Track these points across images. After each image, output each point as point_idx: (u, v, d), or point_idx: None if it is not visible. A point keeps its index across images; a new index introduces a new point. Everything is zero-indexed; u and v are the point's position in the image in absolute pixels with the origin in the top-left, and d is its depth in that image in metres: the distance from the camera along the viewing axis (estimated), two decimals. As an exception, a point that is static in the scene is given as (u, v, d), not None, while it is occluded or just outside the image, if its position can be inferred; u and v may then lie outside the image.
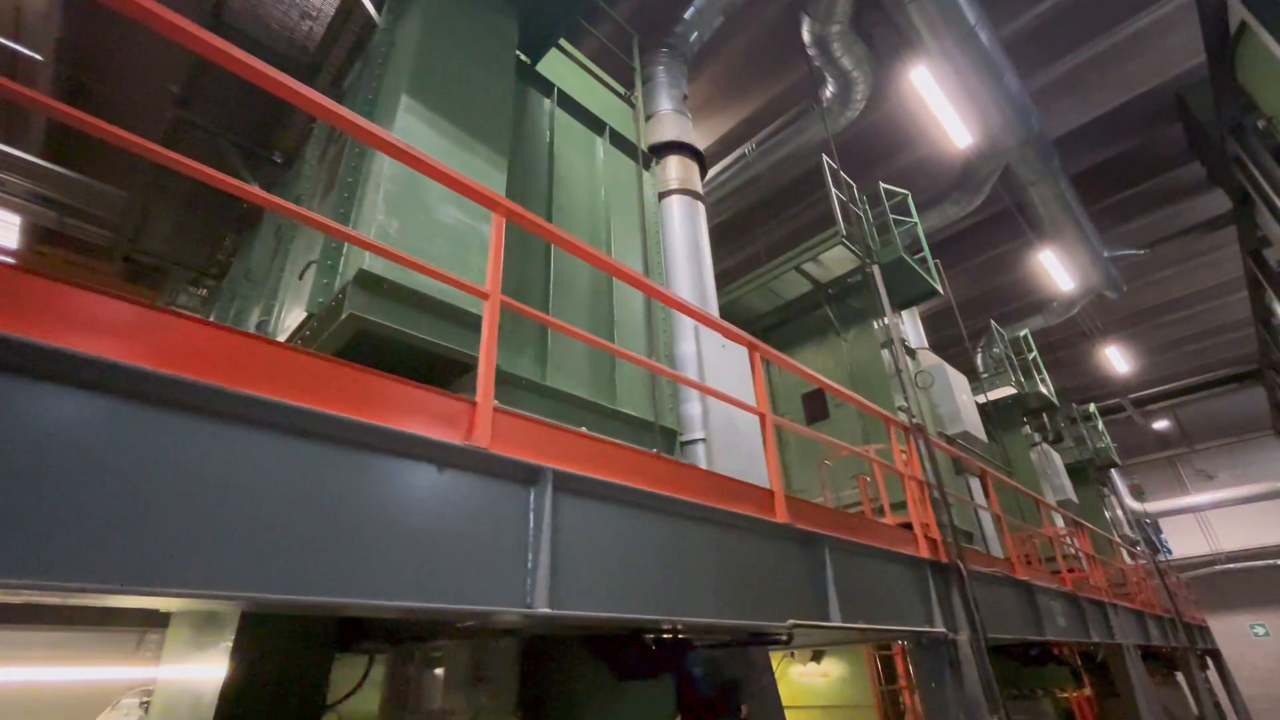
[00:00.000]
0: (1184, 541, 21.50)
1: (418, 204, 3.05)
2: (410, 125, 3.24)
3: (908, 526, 4.69)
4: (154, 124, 5.34)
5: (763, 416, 3.44)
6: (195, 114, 5.18)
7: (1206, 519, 21.55)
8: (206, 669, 2.37)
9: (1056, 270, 12.42)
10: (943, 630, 3.95)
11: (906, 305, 8.53)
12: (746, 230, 11.99)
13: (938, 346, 18.21)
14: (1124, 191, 12.50)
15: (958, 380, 9.58)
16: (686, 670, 2.47)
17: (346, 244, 3.10)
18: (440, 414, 2.02)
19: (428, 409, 2.00)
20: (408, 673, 2.18)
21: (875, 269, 5.98)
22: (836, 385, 4.60)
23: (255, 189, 1.87)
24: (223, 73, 4.79)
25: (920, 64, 7.94)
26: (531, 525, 2.09)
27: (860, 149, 10.95)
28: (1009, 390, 11.43)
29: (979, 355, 14.40)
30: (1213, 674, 14.36)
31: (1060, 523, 10.96)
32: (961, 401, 9.23)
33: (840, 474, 7.18)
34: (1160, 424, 22.25)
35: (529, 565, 2.03)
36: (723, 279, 8.56)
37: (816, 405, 7.79)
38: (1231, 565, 20.24)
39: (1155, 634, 10.39)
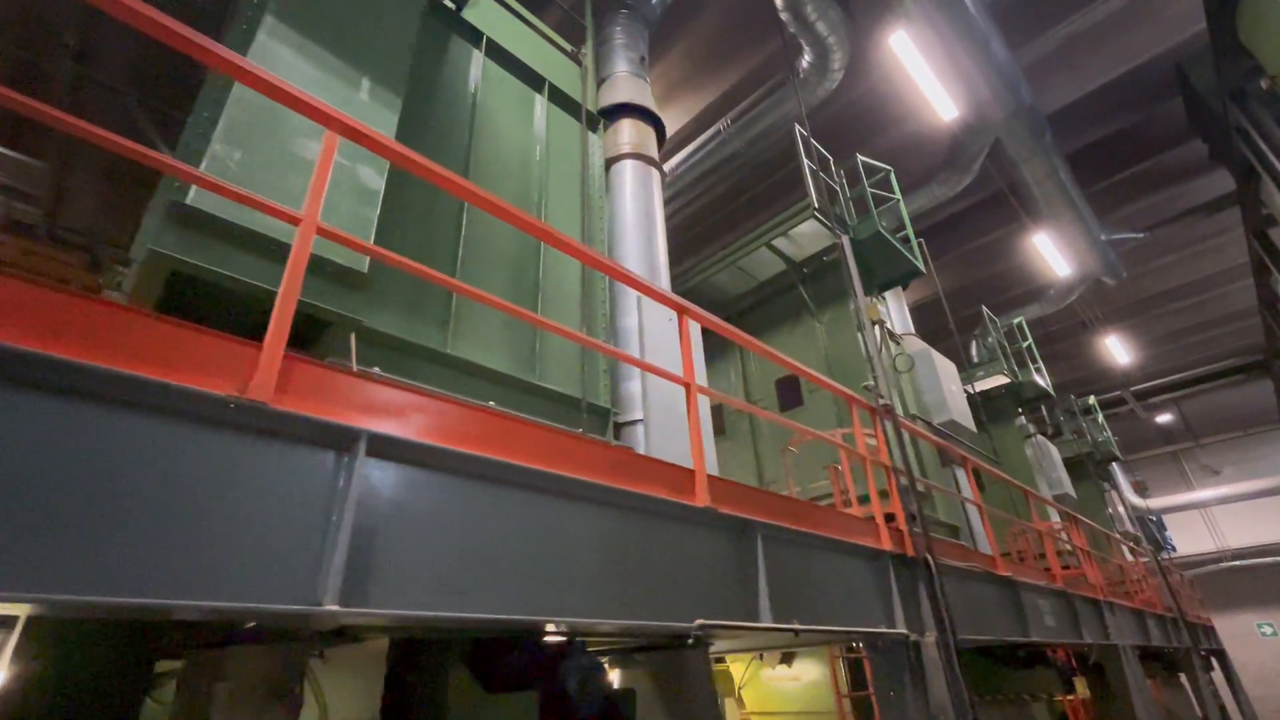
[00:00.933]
0: (1189, 539, 21.00)
1: (270, 136, 2.62)
2: (271, 49, 2.82)
3: (889, 518, 4.27)
4: (52, 82, 4.93)
5: (688, 386, 3.01)
6: (95, 69, 4.76)
7: (1212, 515, 21.05)
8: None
9: (1051, 254, 11.95)
10: (903, 631, 3.52)
11: (888, 286, 8.09)
12: (723, 210, 11.55)
13: (933, 337, 17.74)
14: (1122, 172, 12.04)
15: (945, 367, 9.13)
16: (561, 681, 2.04)
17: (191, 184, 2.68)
18: (219, 363, 1.60)
19: (202, 357, 1.58)
20: (198, 686, 1.77)
21: (846, 240, 5.54)
22: (802, 366, 4.17)
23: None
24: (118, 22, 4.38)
25: (900, 28, 7.49)
26: (334, 501, 1.67)
27: (843, 128, 10.50)
28: (1001, 380, 10.97)
29: (974, 345, 13.95)
30: (1218, 675, 13.89)
31: (1055, 517, 10.50)
32: (948, 389, 8.78)
33: (814, 464, 6.74)
34: (1164, 418, 21.73)
35: (323, 551, 1.61)
36: (699, 261, 8.13)
37: (790, 392, 7.35)
38: (1238, 563, 19.74)
39: (1156, 634, 9.93)
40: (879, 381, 4.97)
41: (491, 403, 3.34)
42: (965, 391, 11.34)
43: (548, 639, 2.35)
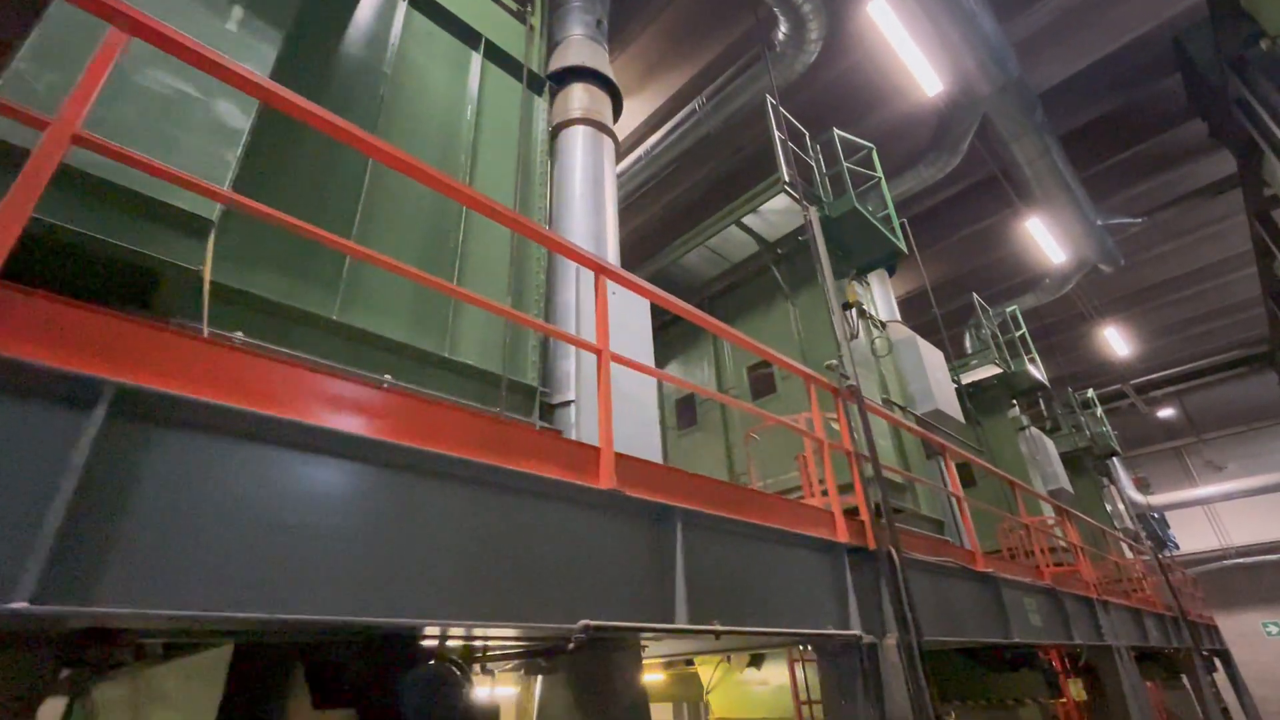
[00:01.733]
0: (1192, 536, 20.60)
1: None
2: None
3: (854, 512, 3.91)
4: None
5: (600, 353, 2.65)
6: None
7: (1216, 512, 20.65)
8: None
9: (1045, 240, 11.56)
10: (855, 632, 3.15)
11: (870, 269, 7.72)
12: (698, 191, 11.17)
13: (929, 329, 17.37)
14: (1118, 155, 11.65)
15: (931, 356, 8.76)
16: (394, 696, 1.68)
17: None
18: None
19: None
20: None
21: (812, 212, 5.17)
22: (763, 347, 3.80)
23: None
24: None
25: (879, -5, 7.12)
26: (58, 470, 1.32)
27: (825, 111, 10.13)
28: (993, 370, 10.59)
29: (968, 336, 13.57)
30: (1221, 676, 13.50)
31: (1049, 512, 10.13)
32: (934, 378, 8.41)
33: (786, 455, 6.36)
34: (1165, 412, 21.32)
35: (28, 531, 1.25)
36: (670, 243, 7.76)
37: (762, 379, 6.99)
38: (1242, 560, 19.34)
39: (1155, 634, 9.56)
40: (845, 361, 4.60)
41: (388, 377, 2.98)
42: (955, 382, 10.98)
43: (415, 643, 1.98)
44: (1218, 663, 13.42)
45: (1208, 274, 15.74)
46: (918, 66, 7.92)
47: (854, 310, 6.83)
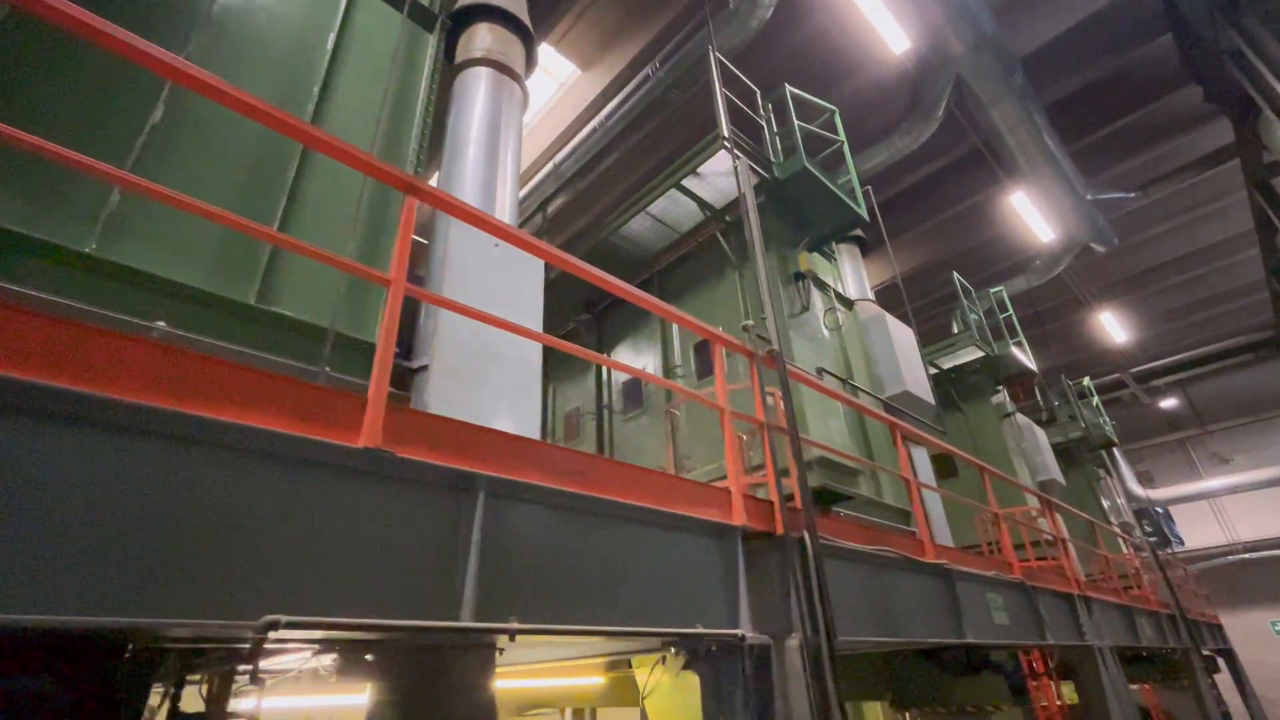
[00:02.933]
0: (1197, 531, 19.96)
1: None
2: None
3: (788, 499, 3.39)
4: None
5: (390, 284, 2.14)
6: None
7: (1222, 506, 20.00)
8: None
9: (1032, 216, 11.00)
10: (735, 631, 2.63)
11: (829, 238, 7.18)
12: (650, 159, 10.62)
13: (917, 315, 16.80)
14: (1108, 126, 11.07)
15: (901, 335, 8.22)
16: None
17: None
18: None
19: None
20: None
21: (743, 165, 4.64)
22: (686, 316, 3.31)
23: None
24: None
25: (834, -61, 6.58)
26: None
27: (792, 79, 9.57)
28: (975, 353, 10.03)
29: (955, 322, 13.00)
30: (1227, 676, 12.90)
31: (1035, 503, 9.57)
32: (904, 359, 7.87)
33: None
34: (1168, 403, 20.67)
35: None
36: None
37: (708, 357, 6.46)
38: (1250, 556, 18.69)
39: (1148, 633, 8.99)
40: (770, 325, 4.08)
41: (160, 324, 2.47)
42: (935, 368, 10.43)
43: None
44: (1221, 663, 12.82)
45: (1209, 255, 15.12)
46: (882, 21, 7.38)
47: (807, 280, 6.30)
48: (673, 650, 2.73)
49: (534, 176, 10.28)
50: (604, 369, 7.67)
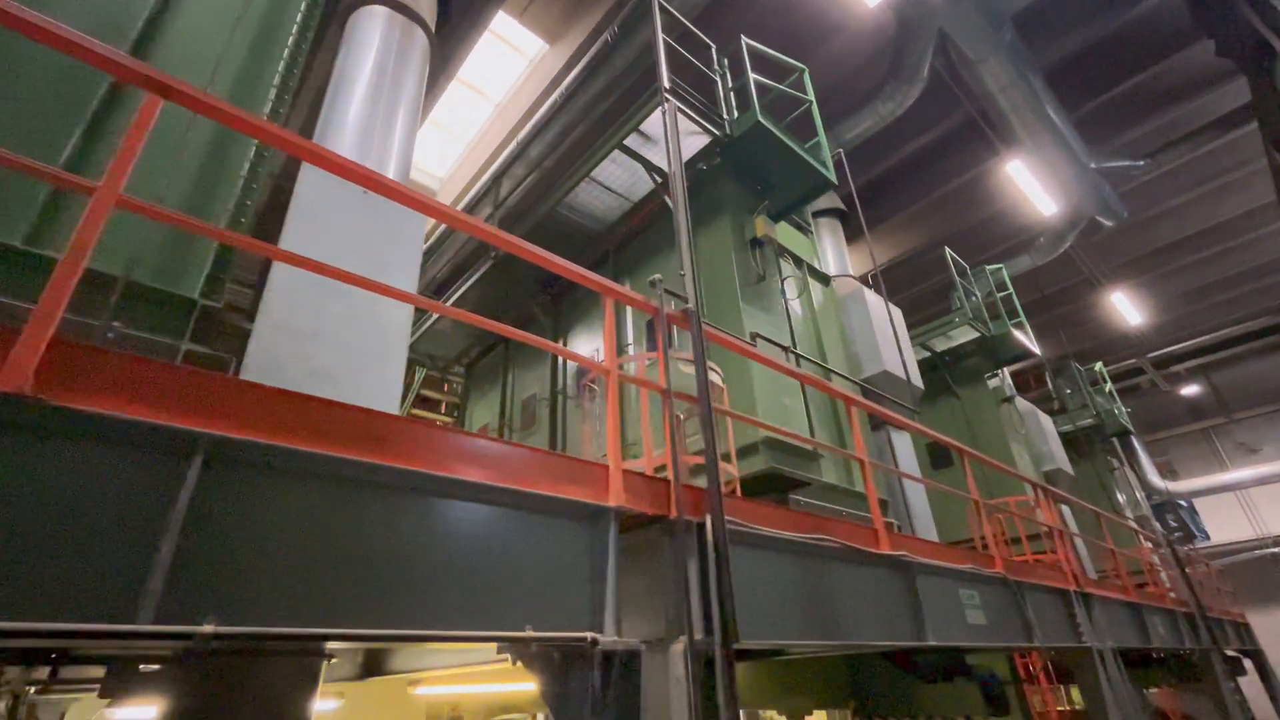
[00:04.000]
0: (1223, 524, 19.01)
1: None
2: None
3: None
4: None
5: (93, 190, 1.69)
6: None
7: (1250, 498, 19.03)
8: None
9: (1032, 188, 10.34)
10: (581, 635, 2.13)
11: (796, 205, 6.64)
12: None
13: (918, 303, 16.13)
14: (1112, 89, 10.37)
15: (882, 312, 7.66)
16: None
17: None
18: None
19: None
20: None
21: (671, 106, 4.14)
22: (582, 270, 2.84)
23: None
24: None
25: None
26: None
27: (767, 42, 9.03)
28: (970, 334, 9.42)
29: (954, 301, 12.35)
30: (1253, 680, 12.10)
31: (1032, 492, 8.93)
32: (884, 338, 7.32)
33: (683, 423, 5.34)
34: (1190, 390, 19.72)
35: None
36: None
37: (653, 332, 5.97)
38: (1280, 550, 17.74)
39: (1161, 633, 8.34)
40: (689, 282, 3.58)
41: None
42: (928, 350, 9.83)
43: None
44: (1248, 665, 12.03)
45: (1230, 230, 14.27)
46: (852, -30, 6.83)
47: (766, 248, 5.78)
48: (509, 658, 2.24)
49: (498, 158, 9.85)
50: (556, 358, 7.20)
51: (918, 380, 7.43)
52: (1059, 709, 7.64)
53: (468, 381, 9.32)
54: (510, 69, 11.65)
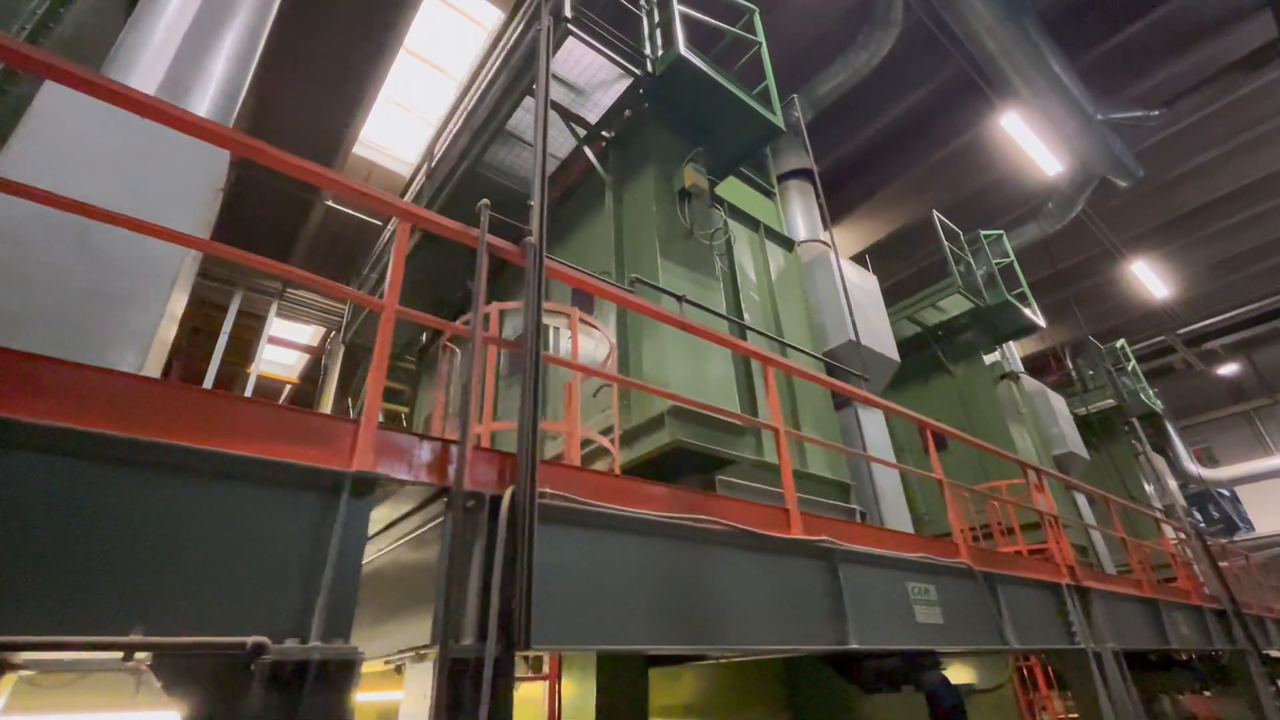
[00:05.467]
0: (1269, 513, 17.69)
1: None
2: None
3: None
4: None
5: None
6: None
7: (1299, 485, 17.70)
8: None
9: (1031, 144, 9.49)
10: (241, 640, 1.57)
11: (741, 159, 6.01)
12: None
13: (921, 279, 15.24)
14: (1116, 35, 9.46)
15: (854, 280, 6.97)
16: None
17: None
18: None
19: None
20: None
21: (546, 24, 3.57)
22: (389, 197, 2.30)
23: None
24: None
25: None
26: None
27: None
28: (963, 305, 8.63)
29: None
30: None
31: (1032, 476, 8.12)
32: (854, 306, 6.63)
33: (601, 399, 4.76)
34: (1229, 369, 18.40)
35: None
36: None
37: (583, 301, 5.40)
38: (1334, 542, 16.41)
39: (1185, 632, 7.52)
40: (536, 213, 3.00)
41: None
42: (916, 324, 9.07)
43: None
44: (1294, 667, 10.96)
45: (1264, 190, 13.11)
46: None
47: (697, 201, 5.16)
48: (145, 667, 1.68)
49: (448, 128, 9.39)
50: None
51: (892, 353, 6.73)
52: (1061, 718, 6.86)
53: (419, 370, 8.87)
54: (470, 43, 11.21)
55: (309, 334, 12.61)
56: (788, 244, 7.11)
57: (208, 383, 8.69)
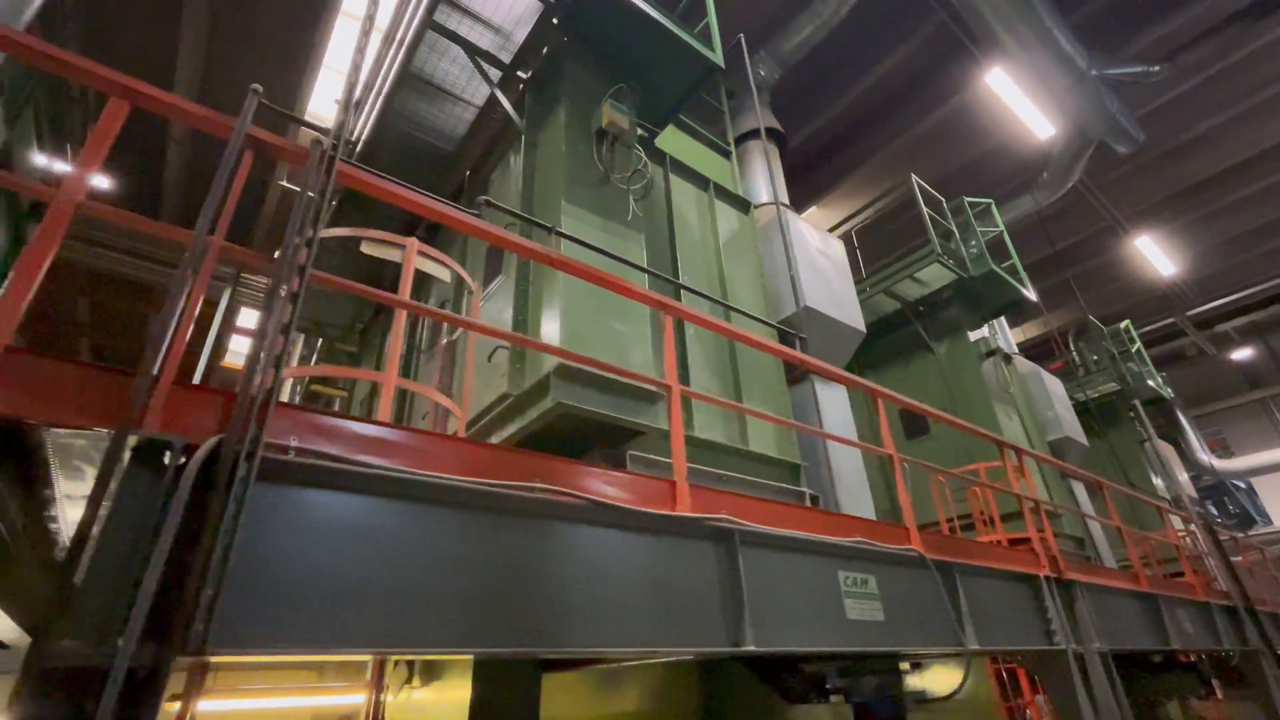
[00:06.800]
0: (1287, 506, 16.91)
1: None
2: None
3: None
4: None
5: None
6: None
7: (1319, 476, 16.88)
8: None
9: (1019, 102, 8.83)
10: None
11: (679, 102, 5.42)
12: None
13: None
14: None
15: (815, 243, 6.38)
16: None
17: None
18: None
19: None
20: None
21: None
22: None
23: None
24: None
25: None
26: None
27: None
28: (945, 277, 8.00)
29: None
30: (1323, 687, 10.33)
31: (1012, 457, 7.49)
32: (812, 271, 6.04)
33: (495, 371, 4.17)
34: (1243, 354, 17.59)
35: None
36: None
37: (491, 262, 4.83)
38: (1357, 535, 15.62)
39: (1188, 631, 6.91)
40: (342, 108, 2.43)
41: None
42: (894, 298, 8.45)
43: None
44: (1314, 669, 10.26)
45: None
46: None
47: (619, 143, 4.58)
48: None
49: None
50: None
51: (857, 323, 6.13)
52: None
53: (360, 349, 8.34)
54: None
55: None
56: (743, 205, 6.52)
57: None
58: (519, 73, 5.09)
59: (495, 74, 5.17)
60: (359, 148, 5.62)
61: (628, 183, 4.43)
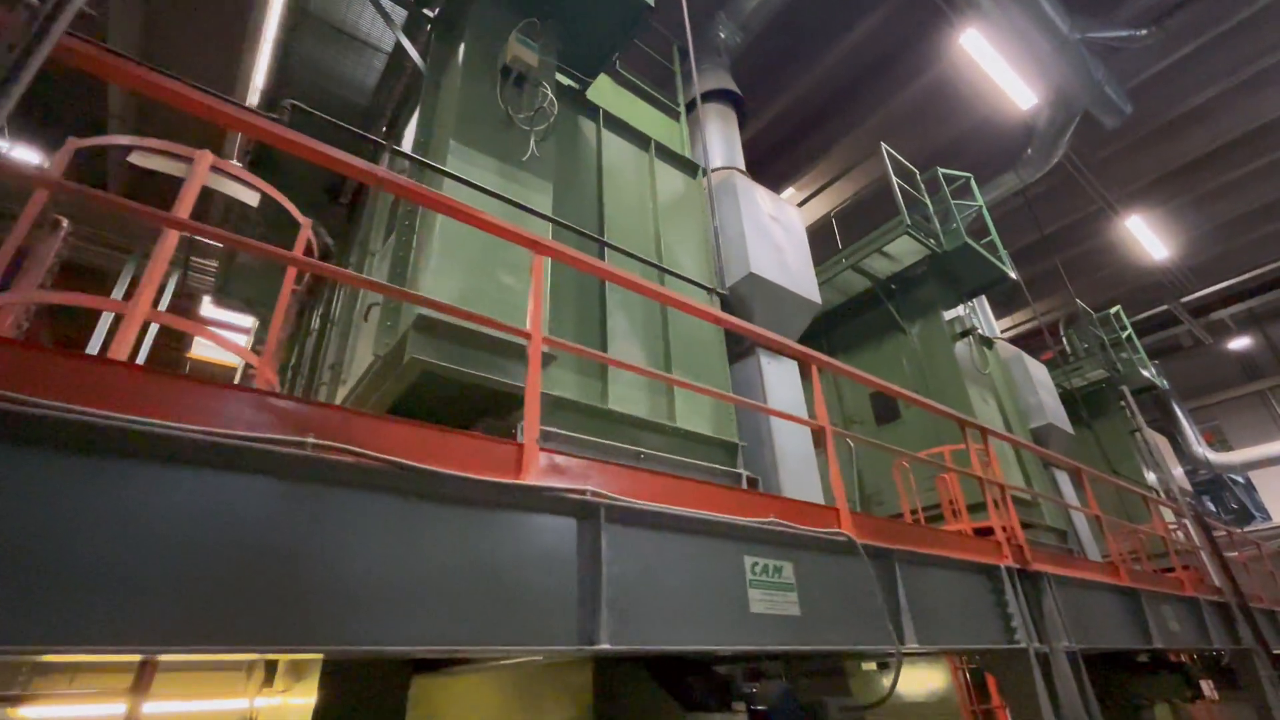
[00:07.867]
0: (1285, 500, 16.53)
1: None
2: None
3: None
4: None
5: None
6: None
7: (1318, 469, 16.49)
8: None
9: (999, 69, 8.40)
10: None
11: (609, 48, 4.98)
12: None
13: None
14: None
15: (768, 209, 5.93)
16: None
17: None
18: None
19: None
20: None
21: None
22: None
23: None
24: None
25: None
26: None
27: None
28: (917, 251, 7.56)
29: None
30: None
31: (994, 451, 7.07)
32: (762, 238, 5.60)
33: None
34: (1240, 343, 17.19)
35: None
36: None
37: (404, 229, 4.38)
38: (1358, 530, 15.23)
39: (1174, 629, 6.48)
40: None
41: None
42: (863, 274, 8.01)
43: None
44: (1311, 669, 9.87)
45: (1278, 136, 11.93)
46: None
47: (527, 82, 4.12)
48: None
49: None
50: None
51: (811, 294, 5.70)
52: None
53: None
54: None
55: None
56: (690, 169, 6.08)
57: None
58: (425, 10, 4.63)
59: (401, 14, 4.71)
60: (257, 97, 5.16)
61: (531, 124, 3.97)
